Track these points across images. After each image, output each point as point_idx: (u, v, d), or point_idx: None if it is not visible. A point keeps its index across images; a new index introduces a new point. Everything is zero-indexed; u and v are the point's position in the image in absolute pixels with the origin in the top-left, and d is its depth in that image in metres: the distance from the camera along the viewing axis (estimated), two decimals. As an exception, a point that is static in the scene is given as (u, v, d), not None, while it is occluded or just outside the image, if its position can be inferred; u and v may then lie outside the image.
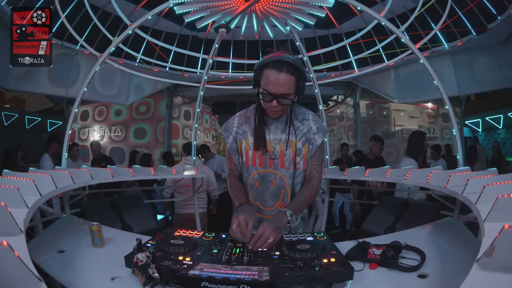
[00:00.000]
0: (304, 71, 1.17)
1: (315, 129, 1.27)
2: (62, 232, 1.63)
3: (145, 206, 2.70)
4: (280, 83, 1.12)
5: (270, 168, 1.28)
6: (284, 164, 1.27)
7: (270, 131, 1.28)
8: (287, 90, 1.14)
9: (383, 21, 2.63)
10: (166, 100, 7.41)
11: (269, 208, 1.30)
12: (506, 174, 1.42)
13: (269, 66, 1.14)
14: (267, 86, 1.15)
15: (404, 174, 2.22)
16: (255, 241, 1.00)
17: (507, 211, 0.90)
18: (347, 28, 5.86)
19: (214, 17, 3.03)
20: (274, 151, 1.27)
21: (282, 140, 1.26)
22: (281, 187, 1.28)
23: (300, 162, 1.27)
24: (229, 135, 1.34)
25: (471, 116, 8.81)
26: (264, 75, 1.15)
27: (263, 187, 1.30)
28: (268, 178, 1.28)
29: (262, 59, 1.18)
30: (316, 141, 1.26)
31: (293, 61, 1.14)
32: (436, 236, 1.51)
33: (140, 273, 0.92)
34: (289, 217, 1.10)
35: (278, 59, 1.13)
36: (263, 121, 1.28)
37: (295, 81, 1.14)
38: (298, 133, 1.26)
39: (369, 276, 1.03)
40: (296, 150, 1.26)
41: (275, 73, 1.12)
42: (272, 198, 1.29)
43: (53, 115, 9.06)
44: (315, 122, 1.29)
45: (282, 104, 1.16)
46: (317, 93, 3.52)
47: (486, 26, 4.72)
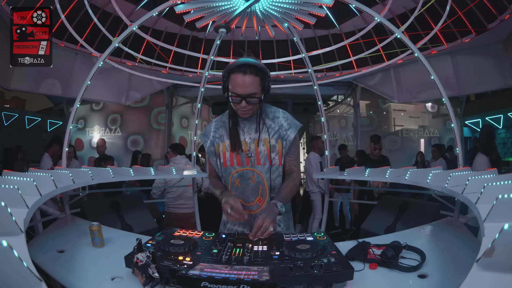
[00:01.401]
0: (267, 72, 1.29)
1: (287, 125, 1.36)
2: (62, 232, 1.64)
3: (145, 206, 2.70)
4: (246, 84, 1.23)
5: (247, 166, 1.37)
6: (260, 161, 1.36)
7: (244, 132, 1.38)
8: (253, 90, 1.24)
9: (383, 21, 2.63)
10: (166, 100, 7.42)
11: (250, 203, 1.39)
12: (506, 174, 1.42)
13: (234, 70, 1.24)
14: (234, 89, 1.25)
15: (404, 174, 2.22)
16: (256, 231, 1.10)
17: (507, 211, 0.90)
18: (347, 28, 5.86)
19: (214, 17, 3.03)
20: (249, 150, 1.36)
21: (256, 139, 1.35)
22: (259, 183, 1.37)
23: (276, 158, 1.36)
24: (207, 140, 1.45)
25: (471, 116, 8.80)
26: (231, 79, 1.26)
27: (243, 185, 1.38)
28: (247, 176, 1.37)
29: (227, 66, 1.28)
30: (289, 136, 1.36)
31: (255, 64, 1.25)
32: (436, 236, 1.52)
33: (140, 273, 0.92)
34: (279, 207, 1.21)
35: (241, 63, 1.25)
36: (236, 123, 1.38)
37: (259, 81, 1.25)
38: (271, 131, 1.36)
39: (369, 276, 1.03)
40: (270, 146, 1.35)
41: (241, 76, 1.23)
42: (252, 194, 1.38)
43: (53, 115, 9.06)
44: (285, 118, 1.38)
45: (250, 103, 1.26)
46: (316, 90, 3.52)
47: (486, 26, 4.72)
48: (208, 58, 3.61)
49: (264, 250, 1.06)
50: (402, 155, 7.20)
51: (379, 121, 7.78)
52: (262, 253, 1.04)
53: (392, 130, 7.66)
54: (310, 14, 2.97)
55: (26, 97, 10.18)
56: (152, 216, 2.64)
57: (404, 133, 7.58)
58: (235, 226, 1.43)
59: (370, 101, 7.67)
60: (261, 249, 1.07)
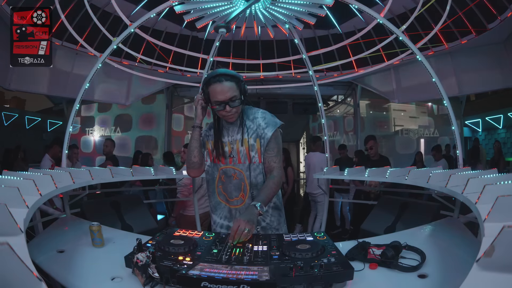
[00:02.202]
0: (239, 76, 1.40)
1: (264, 124, 1.44)
2: (62, 232, 1.64)
3: (145, 206, 2.70)
4: (225, 90, 1.34)
5: (230, 164, 1.47)
6: (240, 160, 1.46)
7: (228, 134, 1.48)
8: (232, 94, 1.35)
9: (383, 21, 2.63)
10: (166, 100, 7.42)
11: (234, 198, 1.48)
12: (506, 174, 1.42)
13: (211, 81, 1.36)
14: (216, 97, 1.35)
15: (404, 174, 2.22)
16: (233, 235, 1.12)
17: (507, 211, 0.90)
18: (347, 28, 5.86)
19: (214, 17, 3.03)
20: (232, 151, 1.46)
21: (237, 140, 1.45)
22: (241, 180, 1.46)
23: (255, 156, 1.44)
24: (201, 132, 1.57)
25: (471, 116, 8.79)
26: (210, 91, 1.36)
27: (227, 181, 1.49)
28: (229, 173, 1.47)
29: (203, 80, 1.40)
30: (266, 134, 1.43)
31: (227, 71, 1.38)
32: (436, 236, 1.52)
33: (140, 273, 0.92)
34: (258, 208, 1.25)
35: (215, 74, 1.36)
36: (220, 128, 1.49)
37: (236, 85, 1.37)
38: (250, 131, 1.45)
39: (369, 276, 1.03)
40: (249, 146, 1.44)
41: (219, 85, 1.34)
42: (235, 190, 1.47)
43: (53, 115, 9.05)
44: (263, 118, 1.46)
45: (233, 106, 1.36)
46: (317, 91, 3.52)
47: (486, 26, 4.72)
48: (207, 59, 3.61)
49: (264, 250, 1.06)
50: (402, 155, 7.20)
51: (379, 121, 7.78)
52: (262, 253, 1.04)
53: (392, 130, 7.66)
54: (310, 14, 2.97)
55: (26, 97, 10.16)
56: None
57: (404, 133, 7.58)
58: (221, 220, 1.51)
59: (370, 101, 7.67)
60: (261, 249, 1.07)
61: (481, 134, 9.23)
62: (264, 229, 1.47)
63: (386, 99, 7.07)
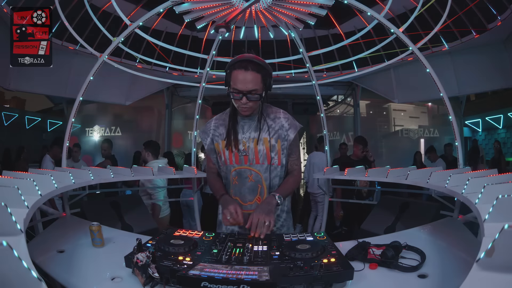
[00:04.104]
0: (269, 69, 1.28)
1: (287, 125, 1.36)
2: (62, 232, 1.63)
3: (145, 206, 2.70)
4: (247, 80, 1.22)
5: (245, 164, 1.36)
6: (258, 160, 1.35)
7: (243, 131, 1.37)
8: (254, 87, 1.23)
9: (383, 21, 2.63)
10: (166, 100, 7.43)
11: (248, 203, 1.38)
12: (506, 174, 1.42)
13: (236, 66, 1.24)
14: (236, 85, 1.24)
15: (404, 174, 2.22)
16: (254, 229, 1.10)
17: (507, 211, 0.90)
18: (347, 28, 5.85)
19: (214, 17, 3.03)
20: (248, 149, 1.35)
21: (255, 138, 1.34)
22: (257, 182, 1.36)
23: (275, 158, 1.35)
24: (206, 137, 1.44)
25: (471, 116, 8.79)
26: (232, 75, 1.25)
27: (240, 183, 1.38)
28: (245, 174, 1.37)
29: (230, 61, 1.27)
30: (289, 136, 1.35)
31: (258, 60, 1.25)
32: (436, 236, 1.51)
33: (140, 273, 0.92)
34: (277, 199, 1.22)
35: (243, 59, 1.24)
36: (236, 121, 1.37)
37: (261, 78, 1.24)
38: (271, 130, 1.35)
39: (369, 276, 1.03)
40: (270, 146, 1.34)
41: (242, 72, 1.22)
42: (249, 193, 1.37)
43: (53, 115, 9.05)
44: (286, 119, 1.37)
45: (251, 100, 1.25)
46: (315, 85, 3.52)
47: (486, 26, 4.71)
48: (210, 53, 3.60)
49: (264, 250, 1.06)
50: (402, 155, 7.20)
51: (379, 121, 7.78)
52: (262, 253, 1.04)
53: (392, 130, 7.66)
54: (310, 14, 2.97)
55: (26, 97, 10.16)
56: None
57: (404, 133, 7.58)
58: (231, 227, 1.42)
59: (370, 101, 7.67)
60: (261, 249, 1.07)
61: (481, 134, 9.23)
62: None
63: (386, 99, 7.07)
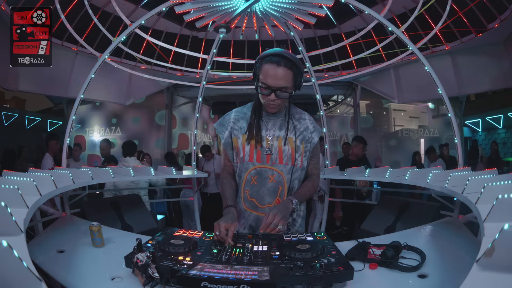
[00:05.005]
0: (301, 67, 1.23)
1: (312, 128, 1.33)
2: (62, 232, 1.63)
3: (145, 206, 2.70)
4: (278, 76, 1.16)
5: (267, 164, 1.28)
6: (282, 160, 1.28)
7: (267, 128, 1.30)
8: (285, 84, 1.18)
9: (383, 21, 2.63)
10: (166, 100, 7.42)
11: (266, 205, 1.29)
12: (506, 174, 1.42)
13: (268, 60, 1.18)
14: (265, 80, 1.18)
15: (404, 174, 2.22)
16: (265, 227, 1.09)
17: (507, 211, 0.90)
18: (347, 28, 5.86)
19: (214, 17, 3.04)
20: (271, 147, 1.28)
21: (280, 137, 1.29)
22: (279, 183, 1.28)
23: (298, 159, 1.30)
24: (224, 130, 1.35)
25: (471, 116, 8.79)
26: (263, 69, 1.19)
27: (259, 184, 1.29)
28: (265, 174, 1.28)
29: (262, 53, 1.22)
30: (313, 139, 1.33)
31: (291, 56, 1.19)
32: (436, 236, 1.51)
33: (140, 273, 0.92)
34: (294, 205, 1.17)
35: (277, 53, 1.18)
36: (260, 116, 1.31)
37: (292, 76, 1.19)
38: (297, 131, 1.31)
39: (369, 276, 1.03)
40: (295, 147, 1.29)
41: (274, 67, 1.16)
42: (269, 194, 1.29)
43: (53, 115, 9.04)
44: (311, 121, 1.35)
45: (280, 97, 1.20)
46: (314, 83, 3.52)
47: (486, 26, 4.72)
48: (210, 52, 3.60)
49: (264, 250, 1.05)
50: (402, 155, 7.20)
51: (379, 121, 7.78)
52: (262, 253, 1.04)
53: (392, 130, 7.66)
54: (310, 14, 2.97)
55: (26, 97, 10.16)
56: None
57: (404, 133, 7.58)
58: (244, 230, 1.35)
59: (370, 101, 7.67)
60: (261, 249, 1.07)
61: (481, 134, 9.23)
62: None
63: (386, 99, 7.07)
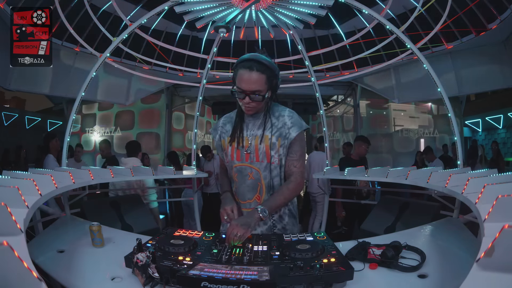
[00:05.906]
0: (276, 70, 1.27)
1: (290, 123, 1.33)
2: (62, 232, 1.64)
3: (145, 206, 2.70)
4: (251, 80, 1.21)
5: (246, 162, 1.35)
6: (258, 158, 1.33)
7: (248, 128, 1.36)
8: (258, 87, 1.22)
9: (383, 21, 2.63)
10: (166, 100, 7.42)
11: (247, 201, 1.37)
12: (506, 174, 1.42)
13: (242, 66, 1.23)
14: (240, 84, 1.23)
15: (404, 174, 2.22)
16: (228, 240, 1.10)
17: (507, 211, 0.90)
18: (347, 28, 5.85)
19: (214, 17, 3.04)
20: (250, 146, 1.34)
21: (257, 136, 1.34)
22: (257, 180, 1.35)
23: (275, 156, 1.32)
24: (216, 134, 1.48)
25: (471, 116, 8.80)
26: (238, 74, 1.24)
27: (240, 181, 1.37)
28: (245, 172, 1.35)
29: (238, 59, 1.27)
30: (290, 134, 1.32)
31: (264, 60, 1.23)
32: (436, 236, 1.52)
33: (140, 273, 0.92)
34: (260, 213, 1.18)
35: (250, 58, 1.23)
36: (242, 119, 1.38)
37: (266, 79, 1.23)
38: (273, 128, 1.33)
39: (369, 276, 1.03)
40: (270, 144, 1.32)
41: (247, 72, 1.21)
42: (249, 191, 1.36)
43: (53, 115, 9.05)
44: (290, 117, 1.35)
45: (254, 100, 1.24)
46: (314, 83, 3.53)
47: (486, 26, 4.71)
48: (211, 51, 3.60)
49: (264, 250, 1.06)
50: (402, 155, 7.20)
51: (379, 121, 7.77)
52: (262, 253, 1.04)
53: (392, 130, 7.66)
54: (310, 14, 2.97)
55: (26, 97, 10.17)
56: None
57: (404, 133, 7.58)
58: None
59: (370, 101, 7.67)
60: (261, 249, 1.07)
61: (481, 134, 9.23)
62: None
63: (386, 99, 7.06)
